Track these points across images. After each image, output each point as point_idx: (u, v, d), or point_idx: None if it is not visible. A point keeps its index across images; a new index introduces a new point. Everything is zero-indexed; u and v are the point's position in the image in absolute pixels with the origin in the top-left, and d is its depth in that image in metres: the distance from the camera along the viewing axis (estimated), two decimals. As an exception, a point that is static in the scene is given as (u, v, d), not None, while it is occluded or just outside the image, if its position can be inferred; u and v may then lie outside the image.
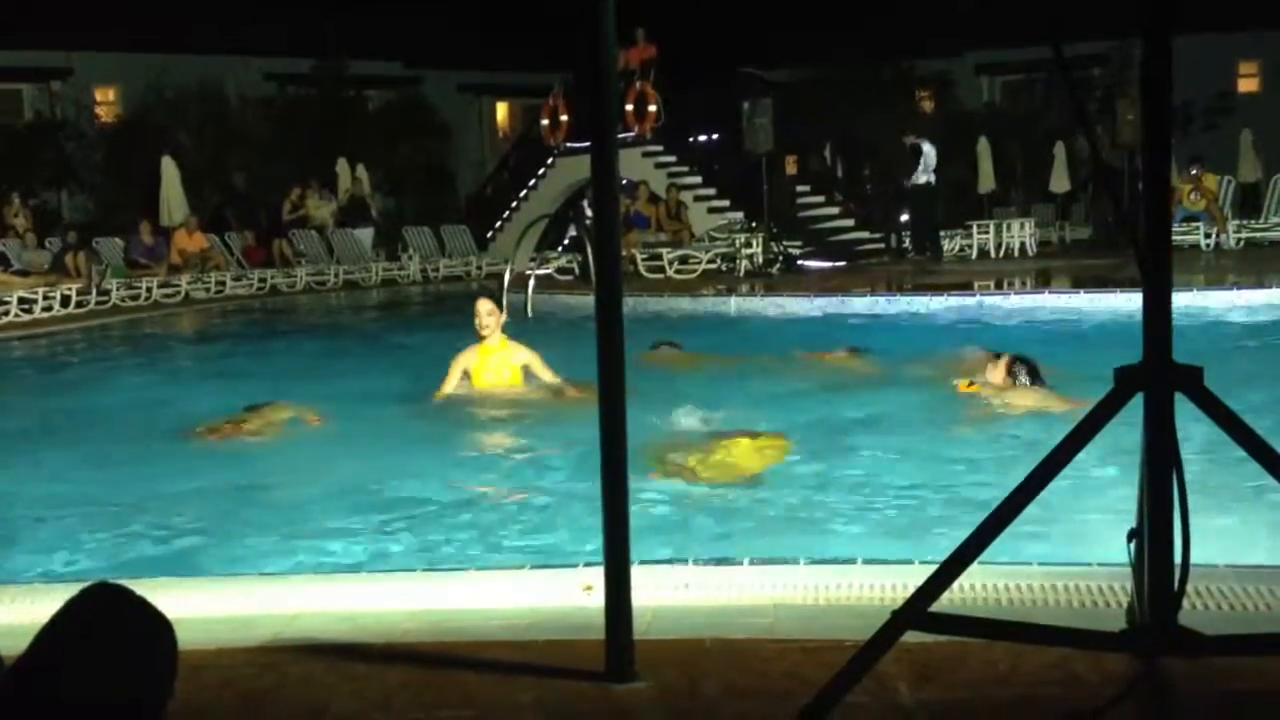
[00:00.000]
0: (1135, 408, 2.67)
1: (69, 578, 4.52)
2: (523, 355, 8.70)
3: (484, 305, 8.84)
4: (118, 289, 18.60)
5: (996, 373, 7.43)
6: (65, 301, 17.47)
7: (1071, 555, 4.37)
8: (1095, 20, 20.25)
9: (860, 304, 14.22)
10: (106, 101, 27.55)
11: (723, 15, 27.79)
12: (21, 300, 17.03)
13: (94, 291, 18.11)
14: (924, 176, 20.93)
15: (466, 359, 8.69)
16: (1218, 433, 2.64)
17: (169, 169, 21.91)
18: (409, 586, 4.28)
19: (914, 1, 26.29)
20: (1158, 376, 2.62)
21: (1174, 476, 2.63)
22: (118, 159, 24.35)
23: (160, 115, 24.61)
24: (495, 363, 8.63)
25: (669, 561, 4.42)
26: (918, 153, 20.83)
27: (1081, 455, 2.71)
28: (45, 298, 17.28)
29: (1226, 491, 5.01)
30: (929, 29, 27.04)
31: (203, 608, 3.94)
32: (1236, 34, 27.83)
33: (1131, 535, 2.79)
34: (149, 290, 19.01)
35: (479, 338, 8.73)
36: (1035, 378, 7.40)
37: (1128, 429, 2.78)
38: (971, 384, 7.16)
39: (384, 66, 29.01)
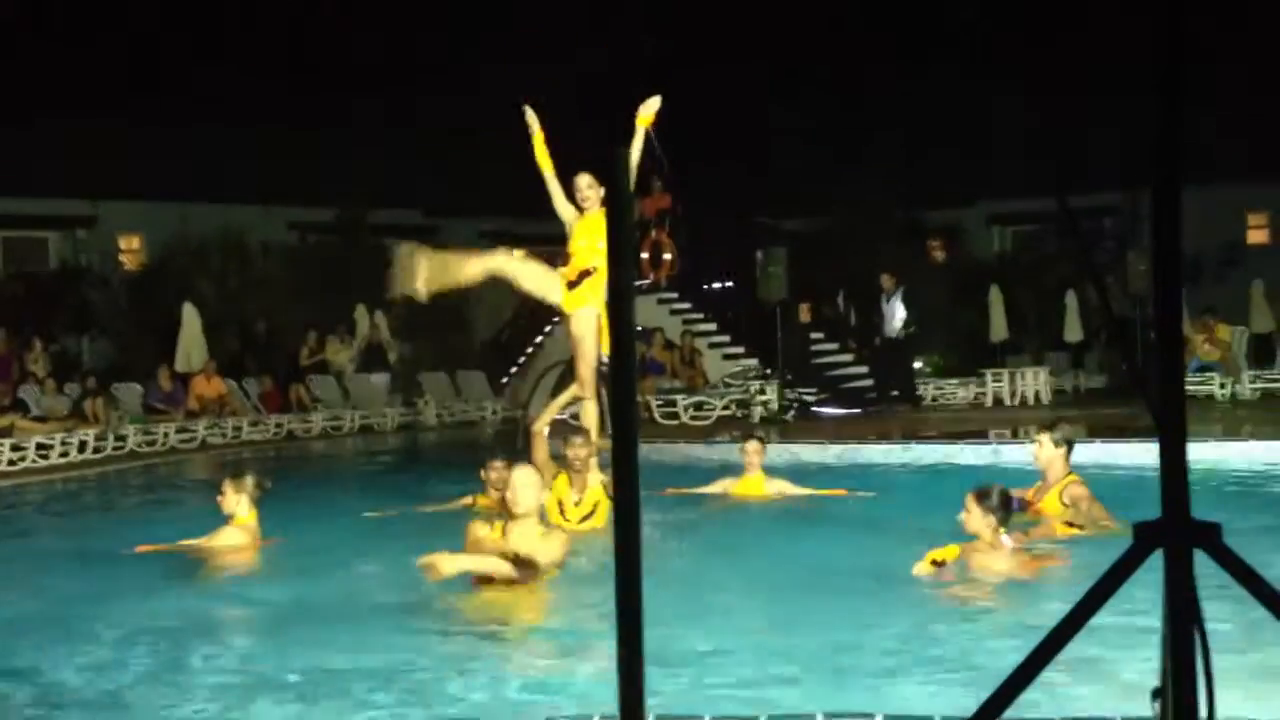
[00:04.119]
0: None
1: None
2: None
3: (584, 179, 8.73)
4: (135, 434, 18.68)
5: (973, 520, 7.05)
6: (82, 447, 17.55)
7: (1097, 712, 4.29)
8: (1106, 172, 20.55)
9: (874, 451, 14.21)
10: (130, 249, 28.01)
11: (737, 165, 28.30)
12: (39, 446, 17.10)
13: (111, 437, 18.20)
14: (892, 327, 21.26)
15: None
16: (1239, 587, 2.61)
17: (189, 315, 22.15)
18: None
19: (928, 153, 26.80)
20: (1176, 534, 2.61)
21: (1196, 633, 2.59)
22: (139, 305, 24.65)
23: (183, 262, 24.96)
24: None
25: (686, 718, 4.34)
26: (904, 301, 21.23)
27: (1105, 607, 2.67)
28: (63, 443, 17.36)
29: (1250, 647, 4.93)
30: (942, 179, 27.51)
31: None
32: (1244, 186, 28.22)
33: (1156, 693, 2.74)
34: (165, 436, 19.10)
35: (579, 210, 8.82)
36: (1006, 503, 7.07)
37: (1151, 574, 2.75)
38: (934, 562, 6.89)
39: (402, 215, 29.50)
